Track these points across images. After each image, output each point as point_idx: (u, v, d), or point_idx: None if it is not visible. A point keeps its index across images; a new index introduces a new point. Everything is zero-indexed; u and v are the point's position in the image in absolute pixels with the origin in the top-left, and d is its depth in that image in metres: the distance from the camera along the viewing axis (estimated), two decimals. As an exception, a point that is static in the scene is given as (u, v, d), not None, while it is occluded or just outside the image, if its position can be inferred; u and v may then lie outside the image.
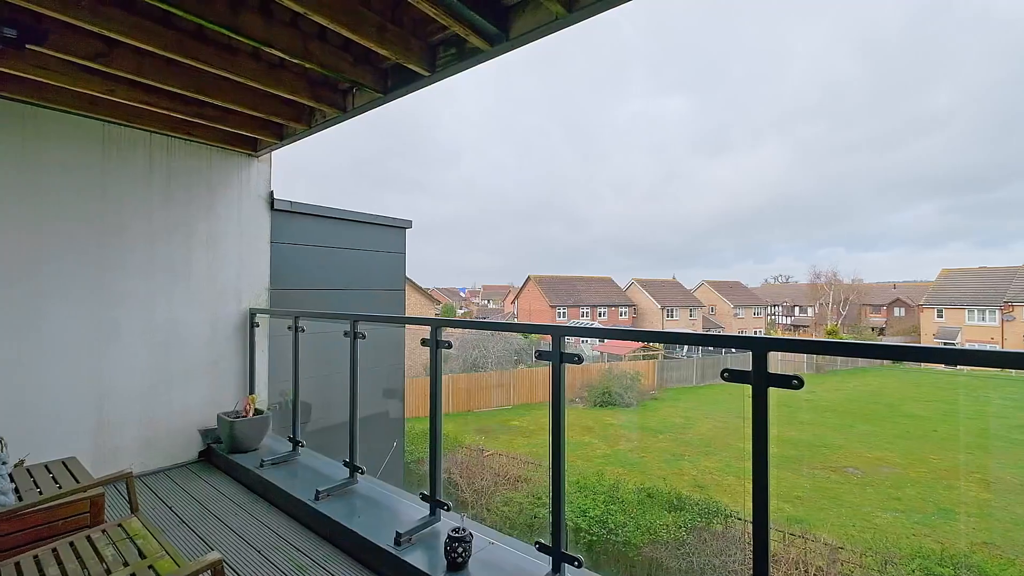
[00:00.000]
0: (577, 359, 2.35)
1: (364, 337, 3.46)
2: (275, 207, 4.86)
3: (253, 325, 4.59)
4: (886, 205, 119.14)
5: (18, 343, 3.41)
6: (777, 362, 1.78)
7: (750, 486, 1.75)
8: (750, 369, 1.76)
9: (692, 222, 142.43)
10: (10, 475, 2.65)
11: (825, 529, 9.51)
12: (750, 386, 1.76)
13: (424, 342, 2.92)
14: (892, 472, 13.19)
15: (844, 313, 46.17)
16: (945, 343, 32.95)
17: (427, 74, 2.98)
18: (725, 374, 1.84)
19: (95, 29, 2.50)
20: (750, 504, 1.76)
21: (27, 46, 2.57)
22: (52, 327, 3.55)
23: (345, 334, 3.47)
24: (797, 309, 52.09)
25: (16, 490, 2.52)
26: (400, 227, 6.57)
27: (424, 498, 2.92)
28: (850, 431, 16.87)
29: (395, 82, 3.25)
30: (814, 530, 9.14)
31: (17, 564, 1.91)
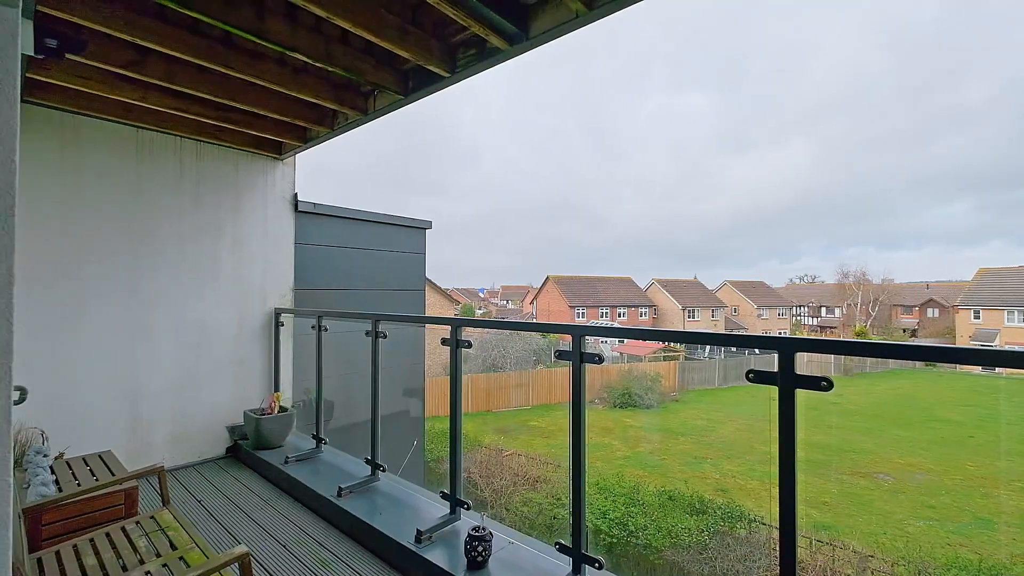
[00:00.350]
0: (597, 359, 2.33)
1: (385, 336, 3.51)
2: (299, 209, 4.97)
3: (278, 324, 4.69)
4: (917, 202, 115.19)
5: (61, 342, 3.56)
6: (804, 364, 1.73)
7: (775, 490, 1.71)
8: (776, 370, 1.73)
9: (714, 221, 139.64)
10: (51, 467, 2.78)
11: (854, 536, 9.23)
12: (776, 388, 1.72)
13: (444, 341, 2.94)
14: (926, 479, 12.73)
15: (874, 314, 44.64)
16: (982, 345, 31.62)
17: (447, 75, 3.00)
18: (750, 375, 1.81)
19: (129, 38, 2.60)
20: (774, 508, 1.72)
21: (67, 56, 2.68)
22: (91, 326, 3.69)
23: (367, 333, 3.52)
24: (824, 310, 50.62)
25: (56, 481, 2.64)
26: (420, 228, 6.63)
27: (444, 496, 2.95)
28: (881, 436, 16.34)
29: (416, 83, 3.28)
30: (842, 537, 8.89)
31: (57, 553, 2.00)
